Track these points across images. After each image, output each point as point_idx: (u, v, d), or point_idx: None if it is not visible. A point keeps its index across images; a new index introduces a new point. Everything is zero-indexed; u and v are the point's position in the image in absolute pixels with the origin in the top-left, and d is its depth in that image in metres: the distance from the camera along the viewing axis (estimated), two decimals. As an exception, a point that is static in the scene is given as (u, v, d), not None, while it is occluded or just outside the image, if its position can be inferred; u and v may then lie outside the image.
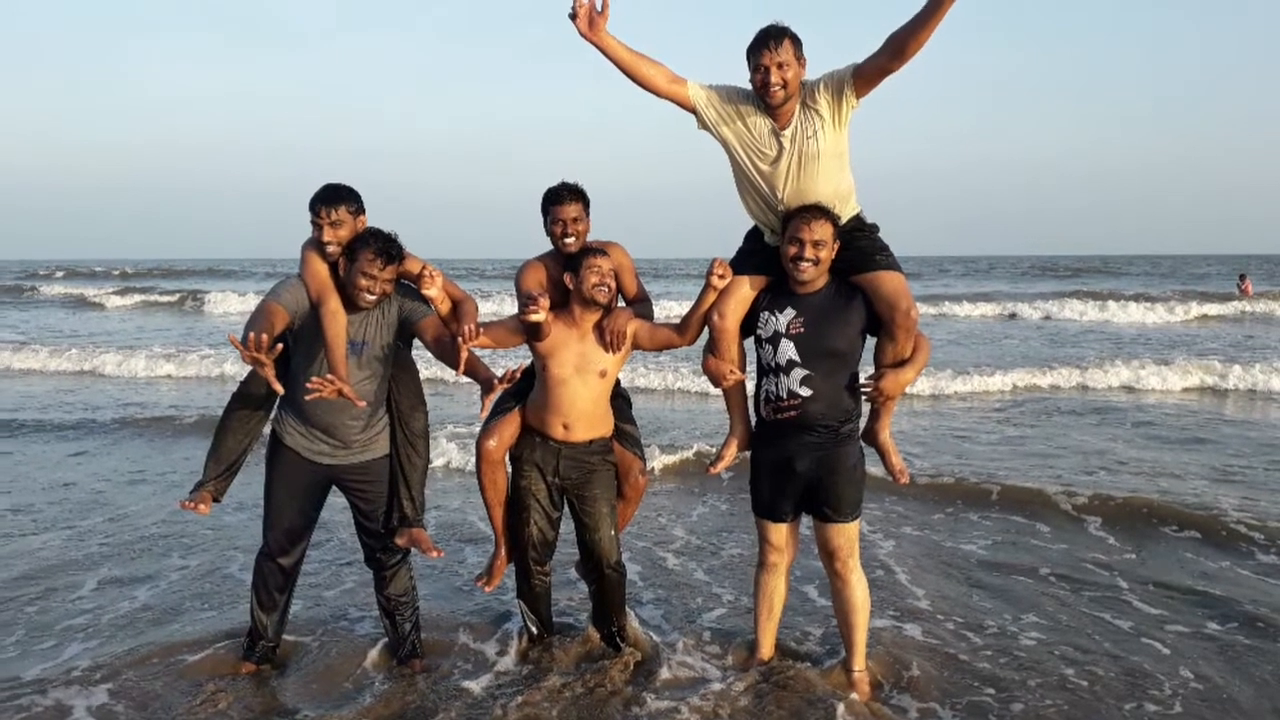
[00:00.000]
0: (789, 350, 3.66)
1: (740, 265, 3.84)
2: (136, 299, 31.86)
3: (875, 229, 3.82)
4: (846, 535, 3.78)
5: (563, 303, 3.95)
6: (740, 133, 3.69)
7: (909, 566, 5.46)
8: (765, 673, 3.99)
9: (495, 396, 3.69)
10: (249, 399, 3.94)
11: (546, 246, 4.10)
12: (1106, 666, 4.14)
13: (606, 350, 3.92)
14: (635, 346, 3.98)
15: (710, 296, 3.74)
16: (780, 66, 3.49)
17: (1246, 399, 11.62)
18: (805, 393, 3.66)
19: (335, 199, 3.66)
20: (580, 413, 3.95)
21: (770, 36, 3.51)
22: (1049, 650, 4.31)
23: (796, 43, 3.54)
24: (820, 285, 3.70)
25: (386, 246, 3.62)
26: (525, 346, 3.96)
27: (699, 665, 4.12)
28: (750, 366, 3.91)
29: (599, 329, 3.93)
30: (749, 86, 3.64)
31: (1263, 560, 5.53)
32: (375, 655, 4.22)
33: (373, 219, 3.78)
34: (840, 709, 3.69)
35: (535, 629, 4.31)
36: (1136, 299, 25.49)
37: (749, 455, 3.99)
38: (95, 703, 3.81)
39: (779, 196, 3.68)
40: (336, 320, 3.65)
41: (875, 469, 4.00)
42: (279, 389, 3.52)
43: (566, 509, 4.15)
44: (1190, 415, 10.36)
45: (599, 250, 3.91)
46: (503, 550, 4.19)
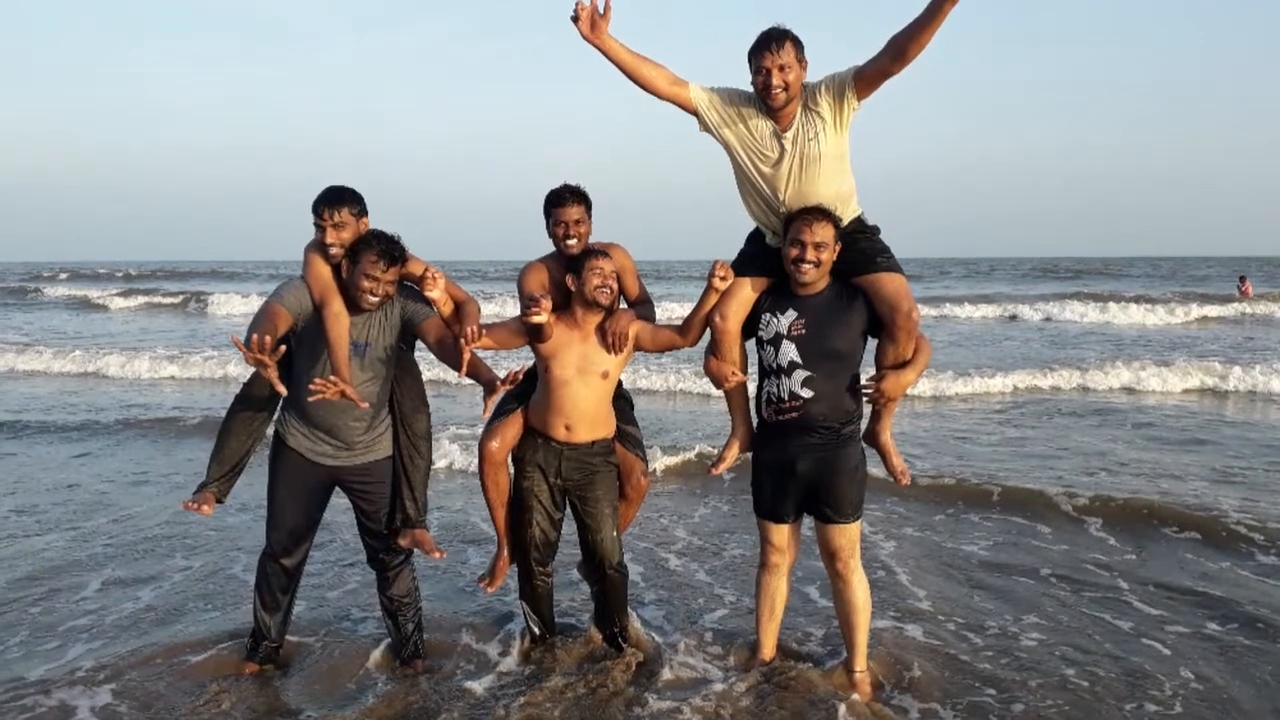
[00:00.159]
0: (790, 352, 3.67)
1: (742, 267, 3.84)
2: (140, 301, 31.95)
3: (876, 231, 3.83)
4: (848, 536, 3.78)
5: (565, 304, 3.96)
6: (742, 135, 3.70)
7: (910, 567, 5.47)
8: (767, 673, 3.99)
9: (497, 398, 3.69)
10: (252, 400, 3.94)
11: (549, 248, 4.11)
12: (1107, 667, 4.14)
13: (608, 352, 3.93)
14: (637, 348, 3.99)
15: (712, 298, 3.75)
16: (782, 69, 3.50)
17: (1247, 400, 11.63)
18: (807, 394, 3.67)
19: (338, 201, 3.67)
20: (582, 414, 3.96)
21: (772, 39, 3.52)
22: (1050, 651, 4.32)
23: (798, 45, 3.55)
24: (822, 287, 3.70)
25: (389, 248, 3.63)
26: (527, 348, 3.97)
27: (701, 666, 4.13)
28: (752, 368, 3.93)
29: (601, 330, 3.94)
30: (750, 89, 3.65)
31: (1263, 561, 5.53)
32: (378, 656, 4.23)
33: (375, 221, 3.79)
34: (842, 709, 3.70)
35: (537, 630, 4.32)
36: (1137, 301, 25.48)
37: (750, 456, 4.00)
38: (99, 703, 3.82)
39: (780, 198, 3.68)
40: (339, 322, 3.65)
41: (876, 470, 4.02)
42: (282, 390, 3.52)
43: (569, 510, 4.15)
44: (1190, 416, 10.37)
45: (601, 252, 3.92)
46: (505, 551, 4.20)
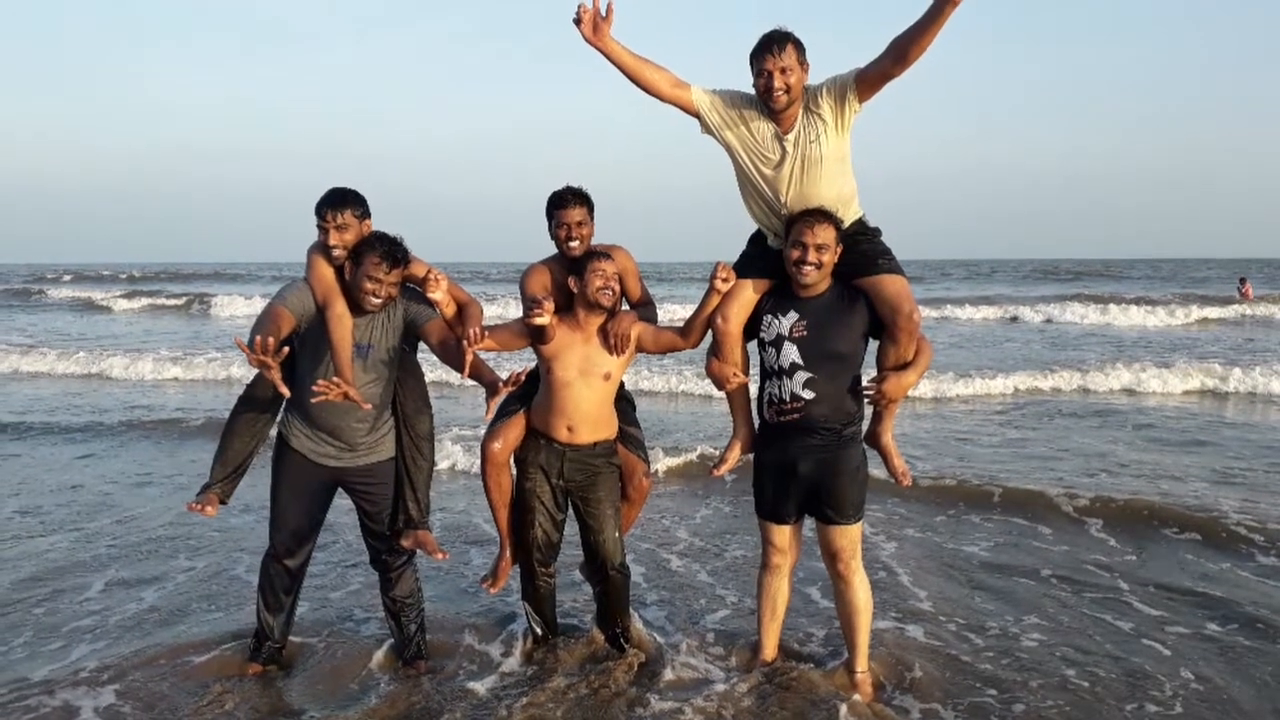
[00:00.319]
0: (792, 353, 3.68)
1: (743, 269, 3.85)
2: (144, 302, 32.05)
3: (878, 232, 3.85)
4: (849, 537, 3.79)
5: (567, 306, 3.97)
6: (743, 137, 3.71)
7: (911, 568, 5.48)
8: (768, 674, 4.00)
9: (500, 399, 3.69)
10: (255, 402, 3.95)
11: (551, 250, 4.12)
12: (1108, 667, 4.15)
13: (611, 353, 3.95)
14: (639, 349, 4.00)
15: (714, 300, 3.76)
16: (783, 71, 3.51)
17: (1247, 402, 11.63)
18: (808, 395, 3.68)
19: (341, 203, 3.68)
20: (584, 415, 3.97)
21: (774, 41, 3.53)
22: (1050, 651, 4.32)
23: (800, 48, 3.56)
24: (823, 289, 3.71)
25: (392, 250, 3.64)
26: (530, 349, 3.98)
27: (702, 666, 4.14)
28: (753, 370, 3.94)
29: (603, 332, 3.95)
30: (752, 91, 3.66)
31: (1263, 562, 5.54)
32: (381, 656, 4.23)
33: (378, 222, 3.79)
34: (843, 710, 3.71)
35: (540, 630, 4.33)
36: (1137, 302, 25.50)
37: (752, 457, 4.01)
38: (102, 703, 3.83)
39: (782, 200, 3.70)
40: (342, 324, 3.66)
41: (878, 471, 4.02)
42: (285, 392, 3.54)
43: (571, 511, 4.16)
44: (1191, 418, 10.37)
45: (603, 254, 3.93)
46: (507, 552, 4.21)
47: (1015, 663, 4.21)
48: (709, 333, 3.87)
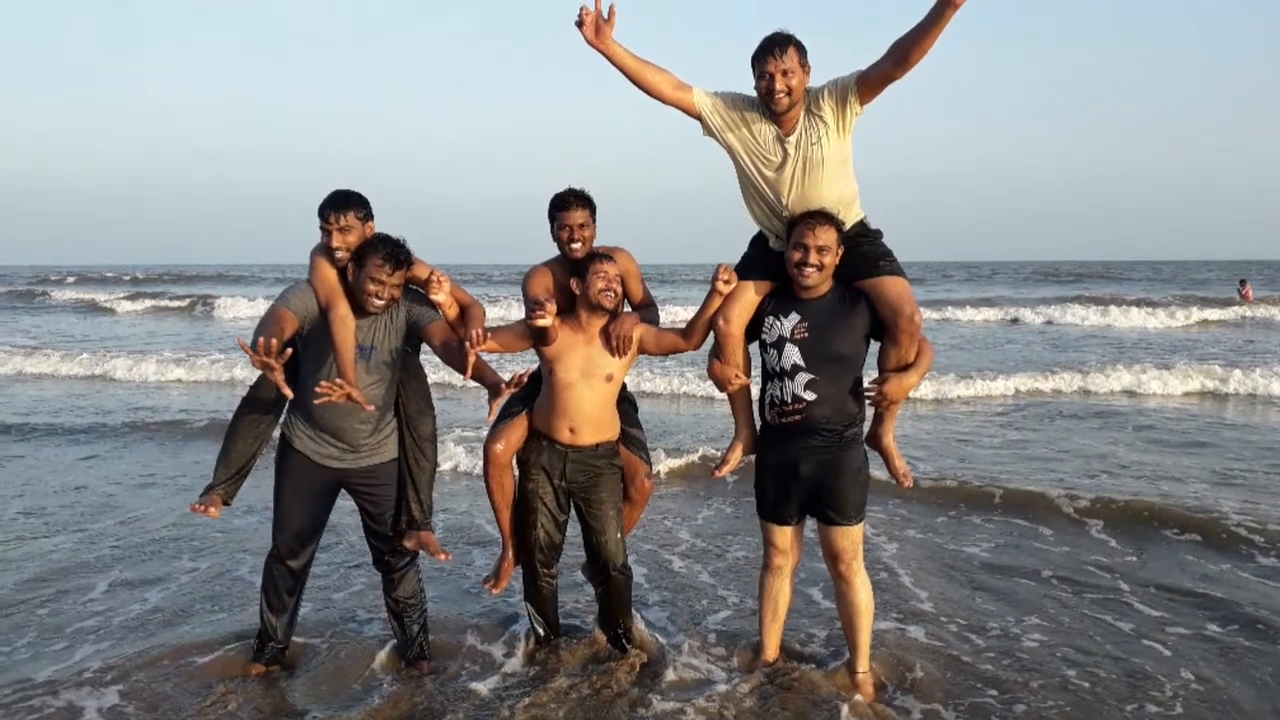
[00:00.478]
0: (793, 355, 3.69)
1: (745, 271, 3.86)
2: (147, 304, 32.07)
3: (879, 234, 3.86)
4: (850, 538, 3.80)
5: (569, 308, 3.98)
6: (745, 139, 3.72)
7: (912, 569, 5.49)
8: (770, 674, 4.01)
9: (502, 401, 3.69)
10: (258, 403, 3.96)
11: (553, 252, 4.13)
12: (1108, 668, 4.16)
13: (613, 355, 3.96)
14: (641, 351, 4.01)
15: (715, 301, 3.77)
16: (785, 74, 3.52)
17: (1247, 403, 11.63)
18: (810, 397, 3.69)
19: (344, 205, 3.69)
20: (586, 416, 3.98)
21: (775, 44, 3.54)
22: (1051, 652, 4.33)
23: (801, 50, 3.57)
24: (824, 290, 3.72)
25: (395, 252, 3.65)
26: (532, 351, 3.99)
27: (704, 667, 4.15)
28: (755, 371, 3.95)
29: (605, 334, 3.96)
30: (754, 93, 3.67)
31: (1263, 563, 5.55)
32: (383, 657, 4.24)
33: (381, 224, 3.81)
34: (844, 710, 3.72)
35: (542, 631, 4.34)
36: (1138, 304, 25.50)
37: (754, 459, 4.02)
38: (106, 704, 3.84)
39: (784, 202, 3.71)
40: (345, 325, 3.67)
41: (879, 472, 4.03)
42: (288, 393, 3.54)
43: (573, 512, 4.18)
44: (1191, 419, 10.38)
45: (605, 256, 3.94)
46: (510, 553, 4.22)
47: (1016, 663, 4.22)
48: (711, 334, 3.88)
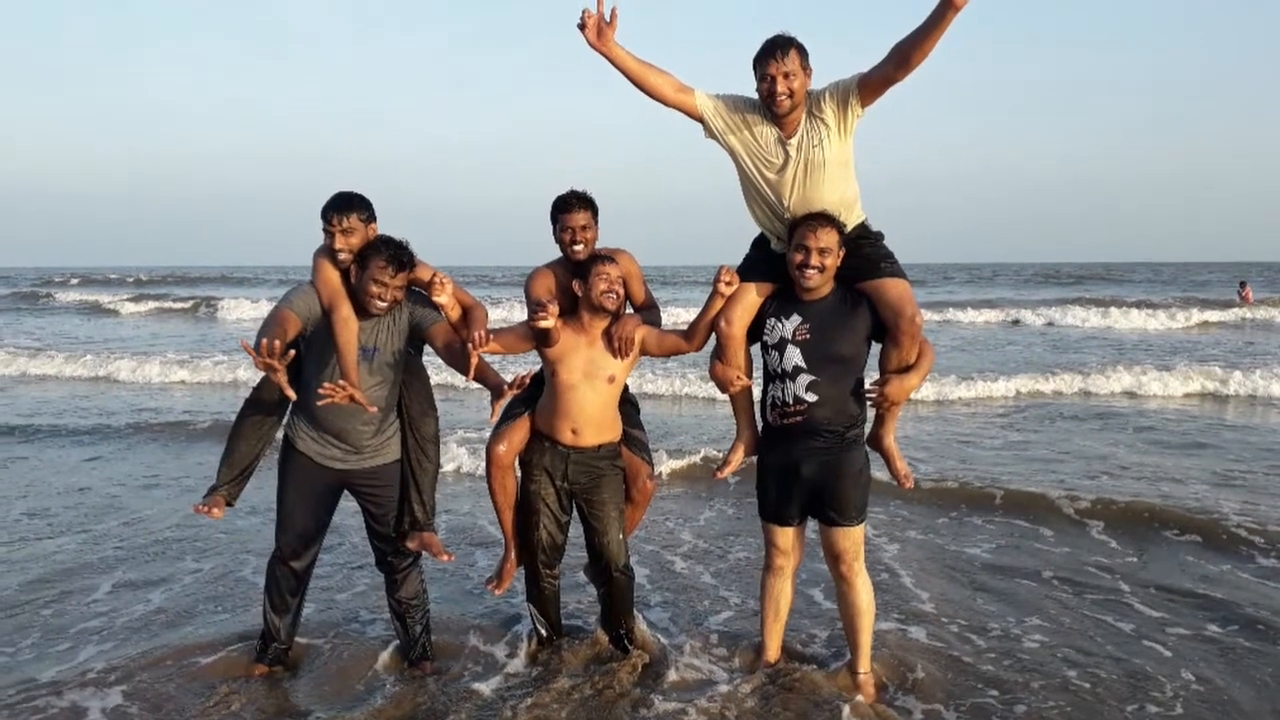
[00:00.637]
0: (795, 356, 3.71)
1: (747, 272, 3.88)
2: (151, 306, 32.12)
3: (880, 236, 3.87)
4: (852, 539, 3.81)
5: (572, 309, 3.99)
6: (747, 141, 3.73)
7: (913, 570, 5.50)
8: (772, 675, 4.03)
9: (505, 402, 3.71)
10: (262, 405, 3.97)
11: (556, 254, 4.15)
12: (1109, 669, 4.17)
13: (615, 356, 3.97)
14: (643, 352, 4.02)
15: (717, 303, 3.78)
16: (787, 76, 3.53)
17: (1247, 404, 11.64)
18: (811, 398, 3.70)
19: (347, 207, 3.70)
20: (589, 418, 3.99)
21: (777, 46, 3.55)
22: (1052, 652, 4.34)
23: (803, 53, 3.58)
24: (826, 292, 3.73)
25: (398, 254, 3.66)
26: (535, 353, 4.00)
27: (706, 667, 4.16)
28: (756, 373, 3.96)
29: (607, 335, 3.97)
30: (755, 96, 3.68)
31: (1263, 564, 5.56)
32: (386, 657, 4.25)
33: (383, 226, 3.82)
34: (846, 711, 3.73)
35: (544, 631, 4.35)
36: (1138, 306, 25.50)
37: (755, 460, 4.03)
38: (110, 704, 3.85)
39: (785, 204, 3.72)
40: (348, 327, 3.69)
41: (880, 473, 4.04)
42: (291, 395, 3.55)
43: (575, 513, 4.19)
44: (1191, 420, 10.39)
45: (607, 257, 3.95)
46: (512, 554, 4.23)
47: (1017, 664, 4.23)
48: (712, 336, 3.89)
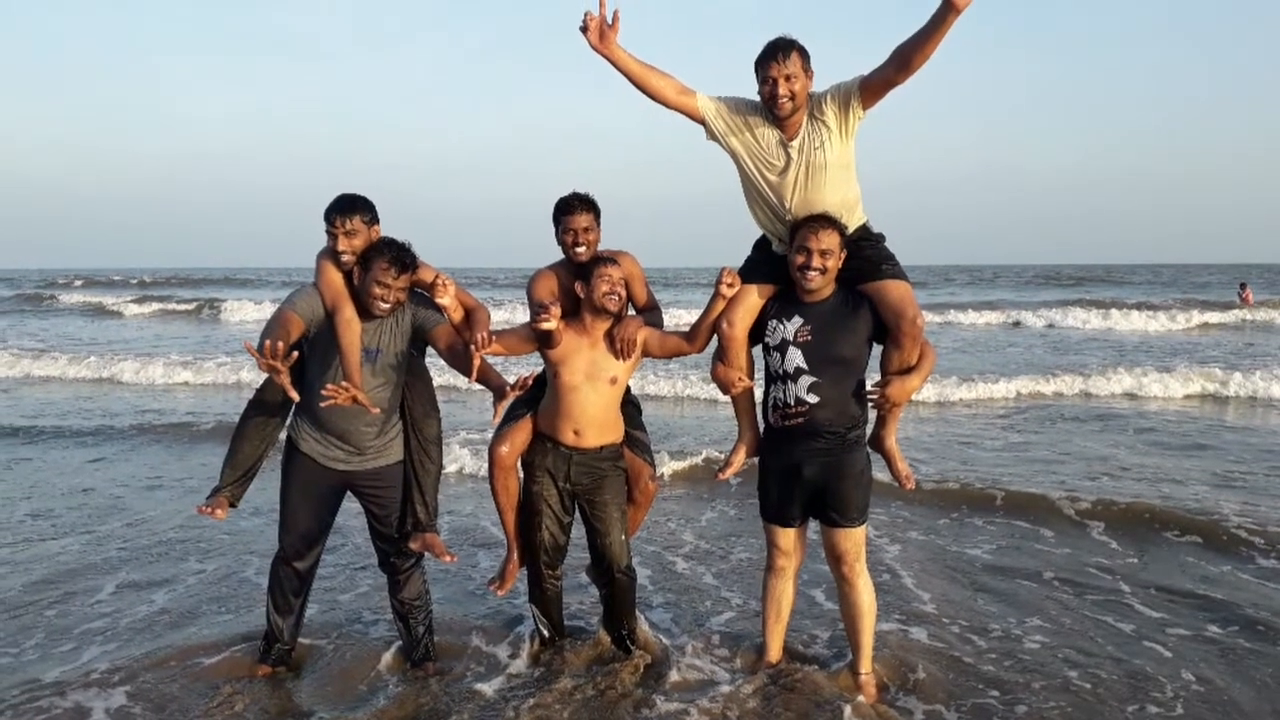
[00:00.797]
0: (797, 358, 3.72)
1: (749, 274, 3.89)
2: (154, 307, 32.14)
3: (881, 238, 3.88)
4: (853, 540, 3.82)
5: (574, 311, 4.00)
6: (748, 144, 3.74)
7: (915, 571, 5.51)
8: (773, 675, 4.04)
9: (507, 403, 3.72)
10: (265, 406, 3.98)
11: (558, 255, 4.15)
12: (1109, 669, 4.18)
13: (617, 358, 3.98)
14: (645, 354, 4.03)
15: (719, 305, 3.80)
16: (788, 78, 3.54)
17: (1247, 406, 11.65)
18: (813, 399, 3.71)
19: (350, 209, 3.71)
20: (591, 419, 4.00)
21: (778, 49, 3.56)
22: (1052, 653, 4.35)
23: (804, 55, 3.59)
24: (827, 294, 3.74)
25: (400, 256, 3.67)
26: (537, 354, 4.01)
27: (708, 668, 4.17)
28: (759, 374, 3.97)
29: (610, 337, 3.98)
30: (757, 98, 3.69)
31: (1263, 565, 5.57)
32: (389, 658, 4.27)
33: (386, 228, 3.83)
34: (847, 711, 3.74)
35: (547, 632, 4.36)
36: (1139, 307, 25.49)
37: (757, 461, 4.04)
38: (113, 705, 3.86)
39: (787, 206, 3.73)
40: (351, 328, 3.70)
41: (882, 475, 4.05)
42: (294, 396, 3.57)
43: (578, 514, 4.20)
44: (1191, 422, 10.40)
45: (609, 259, 3.96)
46: (515, 555, 4.24)
47: (1018, 664, 4.24)
48: (714, 337, 3.90)
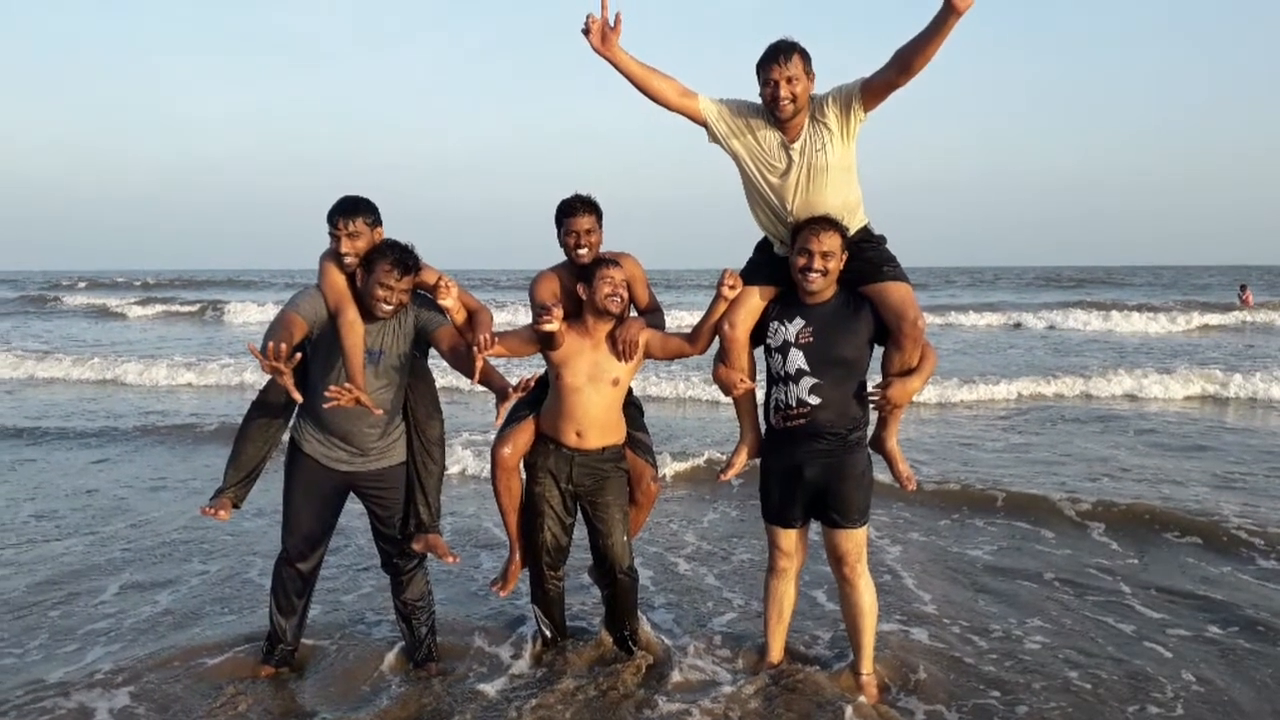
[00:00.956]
0: (798, 359, 3.73)
1: (750, 276, 3.90)
2: (158, 309, 32.20)
3: (883, 240, 3.89)
4: (855, 541, 3.83)
5: (576, 313, 4.01)
6: (750, 146, 3.75)
7: (916, 571, 5.52)
8: (775, 676, 4.05)
9: (510, 405, 3.72)
10: (268, 407, 4.00)
11: (560, 257, 4.17)
12: (1110, 670, 4.19)
13: (619, 359, 3.99)
14: (647, 355, 4.04)
15: (721, 307, 3.81)
16: (790, 81, 3.56)
17: (1247, 407, 11.65)
18: (814, 401, 3.72)
19: (353, 211, 3.72)
20: (593, 420, 4.01)
21: (780, 51, 3.58)
22: (1053, 654, 4.36)
23: (806, 57, 3.60)
24: (829, 295, 3.75)
25: (403, 257, 3.68)
26: (539, 355, 4.03)
27: (710, 668, 4.18)
28: (760, 375, 3.98)
29: (612, 338, 3.99)
30: (759, 100, 3.71)
31: (1263, 565, 5.58)
32: (392, 659, 4.27)
33: (389, 230, 3.84)
34: (849, 711, 3.75)
35: (549, 633, 4.37)
36: (1139, 309, 25.52)
37: (759, 462, 4.05)
38: (117, 705, 3.87)
39: (788, 208, 3.74)
40: (354, 330, 3.71)
41: (883, 476, 4.07)
42: (298, 397, 3.58)
43: (580, 515, 4.21)
44: (1192, 423, 10.41)
45: (611, 261, 3.97)
46: (517, 555, 4.25)
47: (1018, 665, 4.25)
48: (716, 339, 3.91)
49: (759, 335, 3.89)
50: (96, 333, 24.40)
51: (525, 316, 4.34)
